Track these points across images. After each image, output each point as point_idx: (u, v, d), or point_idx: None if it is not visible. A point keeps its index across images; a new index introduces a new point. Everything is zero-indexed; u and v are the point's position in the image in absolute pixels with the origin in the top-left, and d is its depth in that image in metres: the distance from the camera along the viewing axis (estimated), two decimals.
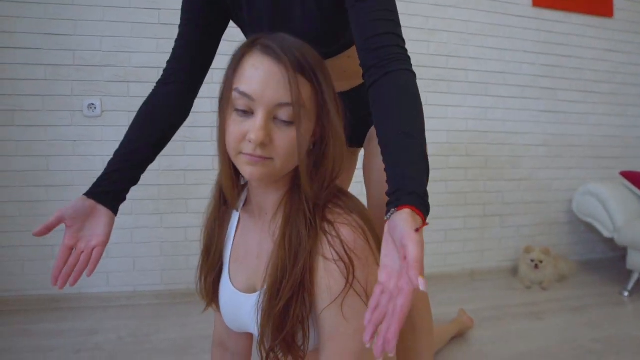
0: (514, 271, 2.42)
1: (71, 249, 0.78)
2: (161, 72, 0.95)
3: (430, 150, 2.29)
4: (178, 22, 0.96)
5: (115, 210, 0.84)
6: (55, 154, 1.95)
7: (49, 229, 0.75)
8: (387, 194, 0.62)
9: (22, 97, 1.91)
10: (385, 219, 0.59)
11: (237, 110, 0.68)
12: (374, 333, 0.53)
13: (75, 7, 1.95)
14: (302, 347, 0.73)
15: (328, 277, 0.69)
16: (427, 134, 1.57)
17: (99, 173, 0.89)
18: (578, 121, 2.58)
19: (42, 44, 1.92)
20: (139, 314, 1.87)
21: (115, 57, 1.99)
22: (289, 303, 0.69)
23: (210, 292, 0.86)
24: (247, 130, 0.66)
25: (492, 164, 2.44)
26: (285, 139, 0.67)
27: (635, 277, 2.14)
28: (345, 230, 0.69)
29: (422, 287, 0.49)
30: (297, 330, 0.71)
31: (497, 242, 2.47)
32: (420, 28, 2.29)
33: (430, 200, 0.63)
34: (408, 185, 0.60)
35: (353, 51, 0.87)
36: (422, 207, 0.58)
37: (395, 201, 0.59)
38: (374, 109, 0.71)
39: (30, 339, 1.61)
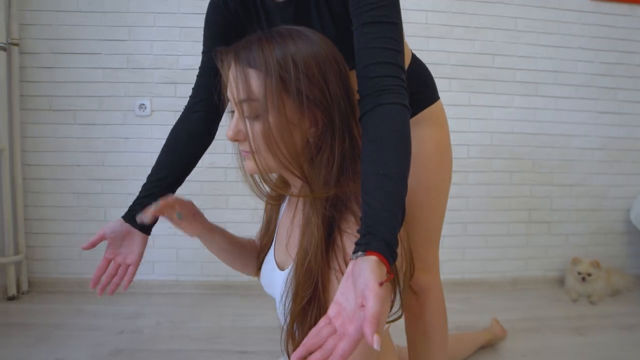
0: (562, 282, 2.28)
1: (109, 261, 0.90)
2: None
3: (473, 152, 2.24)
4: None
5: (147, 232, 0.95)
6: (109, 151, 2.12)
7: (93, 245, 0.90)
8: (359, 231, 0.60)
9: (82, 99, 2.10)
10: (351, 258, 0.58)
11: (230, 111, 0.73)
12: (304, 358, 0.52)
13: (130, 15, 2.10)
14: None
15: (334, 287, 0.68)
16: (471, 136, 1.53)
17: (148, 169, 0.98)
18: None
19: (101, 49, 2.09)
20: (178, 302, 2.00)
21: (164, 60, 2.12)
22: (310, 300, 0.68)
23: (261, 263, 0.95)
24: None
25: (540, 167, 2.30)
26: (253, 133, 0.69)
27: None
28: (348, 243, 0.66)
29: (375, 346, 0.46)
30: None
31: (543, 250, 2.34)
32: (465, 26, 2.21)
33: (470, 204, 0.62)
34: (380, 231, 0.57)
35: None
36: (390, 257, 0.57)
37: (365, 244, 0.57)
38: (362, 141, 0.69)
39: (82, 317, 1.78)
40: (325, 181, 0.70)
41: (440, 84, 2.24)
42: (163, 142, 1.01)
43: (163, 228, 2.08)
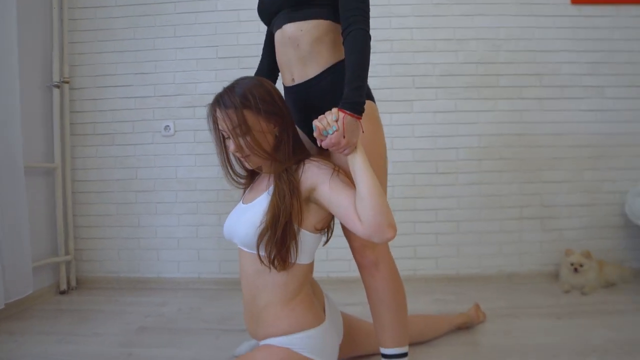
0: (558, 276, 2.37)
1: None
2: None
3: (461, 155, 2.48)
4: (232, 56, 1.97)
5: None
6: (141, 166, 2.50)
7: None
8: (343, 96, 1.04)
9: (118, 123, 2.50)
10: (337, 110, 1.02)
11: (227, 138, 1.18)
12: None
13: (156, 51, 2.50)
14: (290, 260, 1.12)
15: (309, 176, 1.12)
16: (459, 139, 1.86)
17: (174, 181, 1.40)
18: (632, 119, 2.45)
19: (132, 82, 2.50)
20: (200, 295, 2.30)
21: (184, 87, 2.49)
22: (285, 228, 1.09)
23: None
24: None
25: (529, 166, 2.43)
26: (244, 145, 1.12)
27: None
28: (309, 163, 1.15)
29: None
30: (290, 247, 1.11)
31: (537, 246, 2.44)
32: (448, 39, 2.42)
33: (462, 203, 1.10)
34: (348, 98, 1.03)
35: (305, 32, 1.16)
36: (357, 112, 1.03)
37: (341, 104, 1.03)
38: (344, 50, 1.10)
39: (117, 306, 2.12)
40: (287, 157, 1.15)
41: (427, 94, 2.50)
42: (185, 157, 1.43)
43: (187, 232, 2.43)
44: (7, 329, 1.83)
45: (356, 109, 1.02)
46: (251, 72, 1.45)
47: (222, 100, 1.12)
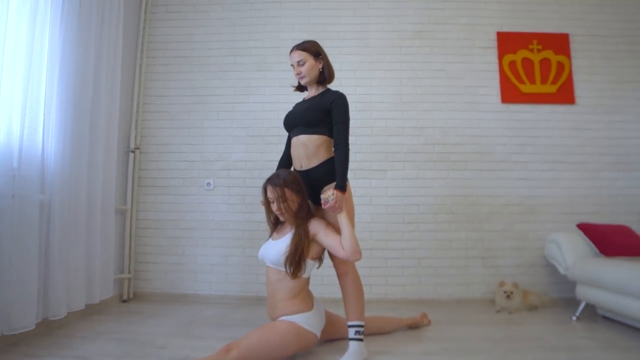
0: (494, 301, 3.13)
1: None
2: (248, 166, 2.83)
3: (422, 209, 3.54)
4: (257, 135, 3.08)
5: None
6: (188, 211, 3.40)
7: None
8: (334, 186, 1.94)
9: (173, 179, 3.44)
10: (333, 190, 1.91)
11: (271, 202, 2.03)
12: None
13: (203, 129, 3.48)
14: (300, 273, 1.93)
15: (313, 227, 1.95)
16: (419, 198, 3.37)
17: (212, 222, 2.47)
18: (549, 185, 3.32)
19: (185, 150, 3.46)
20: (226, 307, 3.10)
21: (222, 155, 3.44)
22: (300, 256, 1.91)
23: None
24: None
25: (473, 219, 3.29)
26: (283, 208, 1.95)
27: (582, 305, 2.74)
28: (313, 220, 1.96)
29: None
30: (301, 266, 1.92)
31: (480, 278, 3.24)
32: (413, 127, 3.38)
33: (422, 245, 2.86)
34: (340, 184, 1.91)
35: (311, 141, 2.04)
36: (342, 190, 1.91)
37: (338, 187, 1.91)
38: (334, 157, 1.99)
39: (166, 311, 2.93)
40: (303, 216, 1.97)
41: (397, 165, 3.47)
42: (221, 206, 2.46)
43: (219, 260, 3.29)
44: (88, 323, 2.65)
45: (343, 189, 1.91)
46: (272, 147, 2.45)
47: (273, 181, 1.99)
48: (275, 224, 2.14)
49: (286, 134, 2.28)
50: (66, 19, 2.49)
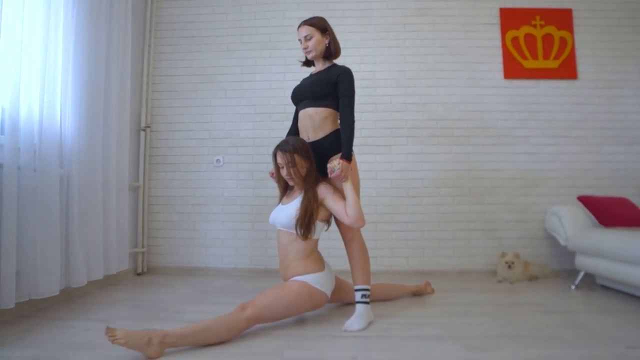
0: (495, 272, 3.24)
1: None
2: (256, 143, 2.90)
3: (425, 184, 3.66)
4: (265, 112, 3.08)
5: None
6: (197, 187, 3.50)
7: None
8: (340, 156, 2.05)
9: (183, 157, 3.53)
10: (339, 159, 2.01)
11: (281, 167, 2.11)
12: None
13: (211, 107, 3.56)
14: (310, 235, 2.02)
15: (321, 192, 2.05)
16: (423, 173, 3.41)
17: (221, 198, 2.51)
18: (550, 159, 3.39)
19: (194, 127, 3.55)
20: (237, 279, 3.22)
21: (230, 133, 3.53)
22: (309, 218, 2.00)
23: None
24: None
25: (475, 193, 3.37)
26: (292, 173, 2.04)
27: (581, 275, 2.84)
28: (321, 185, 2.06)
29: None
30: (310, 228, 2.01)
31: (482, 250, 3.34)
32: (416, 103, 3.44)
33: (426, 218, 2.91)
34: (344, 153, 2.02)
35: (318, 113, 2.13)
36: (348, 159, 2.01)
37: (344, 156, 2.01)
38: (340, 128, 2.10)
39: (179, 282, 3.06)
40: (311, 182, 2.06)
41: (400, 141, 3.55)
42: (230, 182, 2.60)
43: (229, 234, 3.41)
44: (107, 292, 2.78)
45: (349, 158, 2.00)
46: (279, 124, 2.54)
47: (283, 147, 2.06)
48: (285, 189, 2.23)
49: (292, 111, 2.36)
50: (78, 1, 2.55)
